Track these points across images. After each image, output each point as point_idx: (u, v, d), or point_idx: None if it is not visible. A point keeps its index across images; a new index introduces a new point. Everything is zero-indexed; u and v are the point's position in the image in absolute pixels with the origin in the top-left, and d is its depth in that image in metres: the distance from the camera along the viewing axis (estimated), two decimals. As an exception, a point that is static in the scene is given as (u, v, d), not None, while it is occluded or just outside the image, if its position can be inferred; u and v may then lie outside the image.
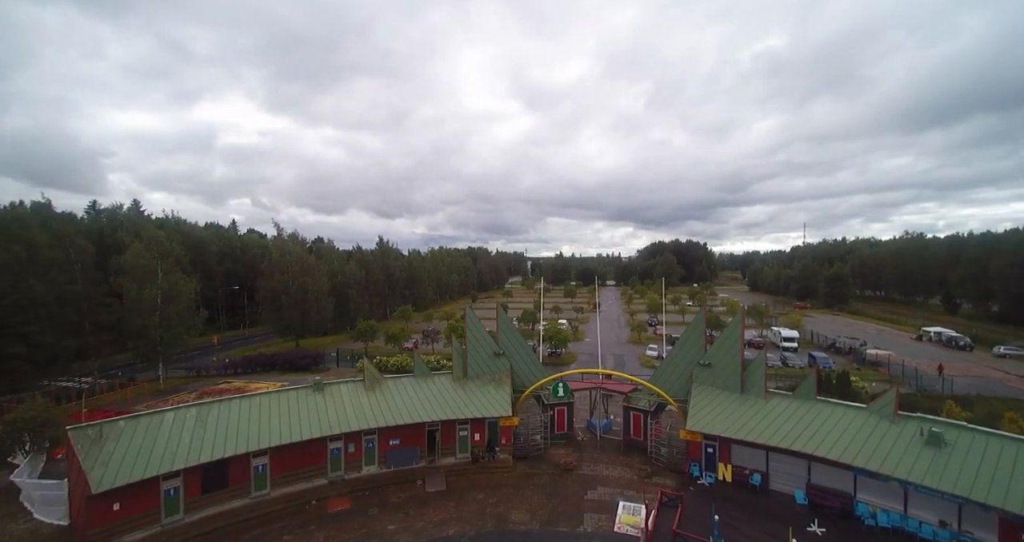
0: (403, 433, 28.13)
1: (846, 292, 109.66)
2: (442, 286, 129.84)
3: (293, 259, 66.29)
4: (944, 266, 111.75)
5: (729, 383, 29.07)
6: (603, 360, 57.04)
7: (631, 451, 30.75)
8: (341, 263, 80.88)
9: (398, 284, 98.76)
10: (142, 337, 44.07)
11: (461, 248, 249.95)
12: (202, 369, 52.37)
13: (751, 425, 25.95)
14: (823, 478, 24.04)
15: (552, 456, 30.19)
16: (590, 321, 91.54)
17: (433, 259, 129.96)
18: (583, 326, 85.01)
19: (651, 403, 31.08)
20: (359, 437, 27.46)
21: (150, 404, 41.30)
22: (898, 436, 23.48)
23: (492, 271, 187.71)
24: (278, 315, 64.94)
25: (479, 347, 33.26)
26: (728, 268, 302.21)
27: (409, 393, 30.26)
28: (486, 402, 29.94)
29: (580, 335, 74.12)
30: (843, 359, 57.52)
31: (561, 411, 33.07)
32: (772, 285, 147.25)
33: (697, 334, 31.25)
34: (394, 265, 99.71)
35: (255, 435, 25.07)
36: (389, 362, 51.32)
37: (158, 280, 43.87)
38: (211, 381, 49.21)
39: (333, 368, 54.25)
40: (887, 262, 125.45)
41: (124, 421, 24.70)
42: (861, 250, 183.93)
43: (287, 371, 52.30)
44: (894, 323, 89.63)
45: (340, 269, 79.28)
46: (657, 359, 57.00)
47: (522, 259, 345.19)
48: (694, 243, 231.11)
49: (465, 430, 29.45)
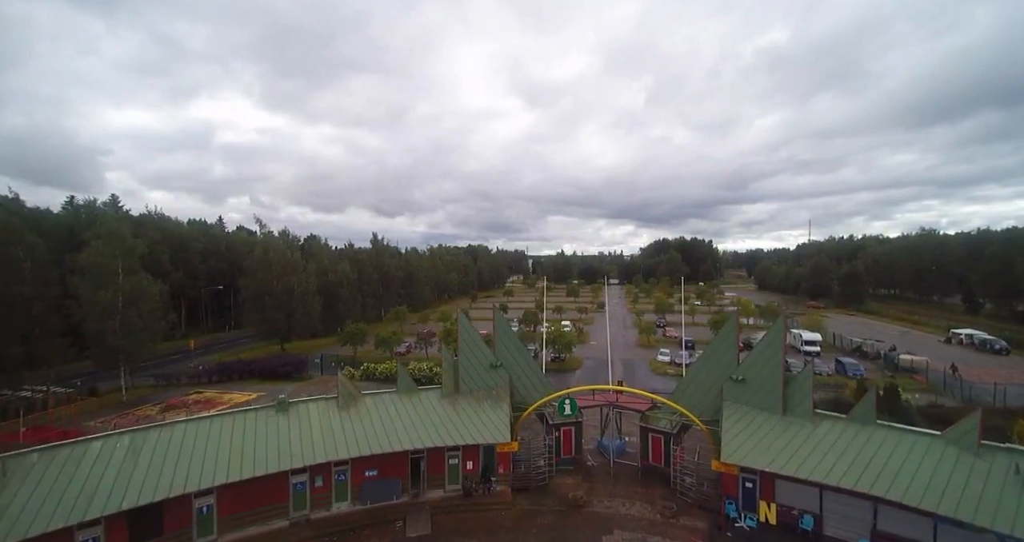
0: (382, 462, 23.68)
1: (862, 291, 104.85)
2: (440, 285, 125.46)
3: (277, 257, 61.78)
4: (963, 263, 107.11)
5: (768, 402, 24.54)
6: (611, 366, 52.60)
7: (651, 480, 26.28)
8: (332, 261, 76.37)
9: (394, 283, 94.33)
10: (100, 343, 39.68)
11: (461, 246, 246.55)
12: (172, 377, 47.97)
13: (799, 456, 21.43)
14: (893, 524, 19.53)
15: (558, 487, 25.73)
16: (595, 322, 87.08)
17: (431, 257, 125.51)
18: (588, 327, 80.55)
19: (673, 424, 26.60)
20: (328, 468, 23.02)
21: (106, 420, 36.99)
22: (987, 474, 18.96)
23: (492, 270, 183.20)
24: (261, 317, 60.53)
25: (473, 357, 28.81)
26: (732, 266, 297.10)
27: (390, 413, 25.78)
28: (481, 424, 25.46)
29: (585, 337, 69.66)
30: (871, 365, 52.93)
31: (568, 432, 28.58)
32: (782, 284, 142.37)
33: (727, 343, 26.72)
34: (390, 263, 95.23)
35: (198, 470, 20.61)
36: (377, 370, 46.91)
37: (118, 280, 39.40)
38: (181, 391, 44.85)
39: (317, 376, 49.82)
40: (901, 260, 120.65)
41: (38, 453, 20.28)
42: (872, 248, 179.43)
43: (266, 379, 47.88)
44: (915, 324, 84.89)
45: (331, 267, 74.83)
46: (670, 365, 52.52)
47: (523, 257, 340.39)
48: (699, 241, 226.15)
49: (456, 457, 25.00)
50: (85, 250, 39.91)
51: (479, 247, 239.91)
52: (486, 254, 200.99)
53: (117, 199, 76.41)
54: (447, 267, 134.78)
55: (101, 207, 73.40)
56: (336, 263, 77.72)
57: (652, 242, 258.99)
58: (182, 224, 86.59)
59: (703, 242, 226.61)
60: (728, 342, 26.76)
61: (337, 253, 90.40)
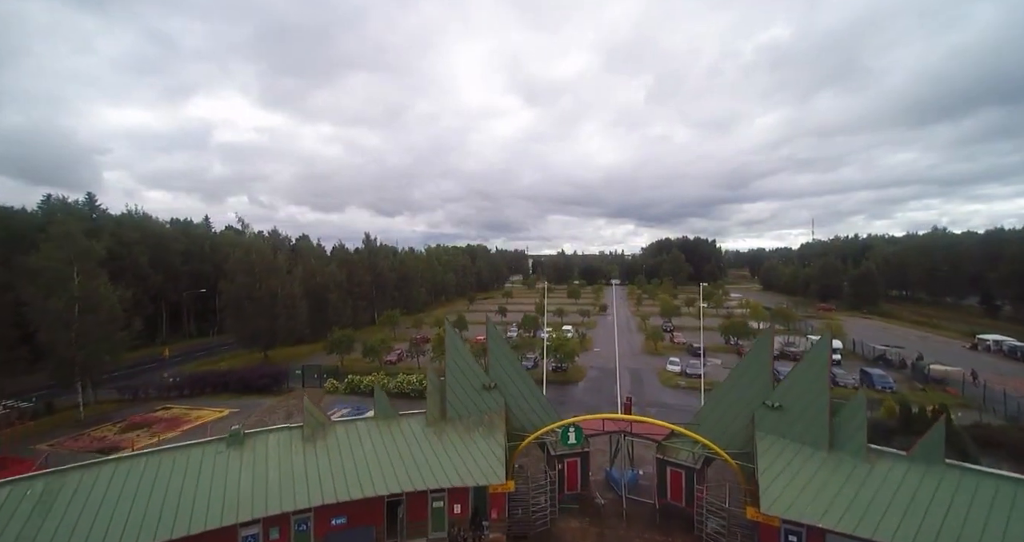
0: (352, 508, 19.86)
1: (875, 293, 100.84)
2: (437, 287, 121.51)
3: (259, 259, 57.85)
4: (979, 263, 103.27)
5: (812, 435, 20.68)
6: (619, 381, 48.82)
7: (670, 524, 22.46)
8: (320, 263, 72.38)
9: (387, 286, 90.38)
10: (54, 356, 35.85)
11: (460, 245, 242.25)
12: (140, 390, 44.12)
13: (858, 508, 17.57)
14: (980, 598, 15.70)
15: (562, 533, 21.91)
16: (597, 326, 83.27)
17: (428, 258, 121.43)
18: (590, 331, 76.74)
19: (696, 457, 22.76)
20: (287, 518, 19.19)
21: (56, 443, 33.18)
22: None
23: (491, 270, 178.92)
24: (242, 323, 56.63)
25: (463, 378, 24.95)
26: (734, 265, 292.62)
27: (364, 447, 21.92)
28: (471, 459, 21.61)
29: (588, 343, 65.79)
30: (897, 374, 49.06)
31: (573, 463, 24.77)
32: (789, 284, 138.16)
33: (760, 363, 22.85)
34: (383, 265, 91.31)
35: (120, 527, 16.76)
36: (362, 383, 43.07)
37: (72, 287, 35.53)
38: (147, 406, 41.03)
39: (298, 388, 45.95)
40: (913, 260, 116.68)
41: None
42: (880, 247, 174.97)
43: (242, 392, 44.04)
44: (934, 328, 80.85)
45: (319, 270, 70.91)
46: (681, 375, 48.67)
47: (523, 257, 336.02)
48: (702, 240, 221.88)
49: (441, 500, 21.19)
50: (34, 253, 36.07)
51: (478, 247, 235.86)
52: (485, 254, 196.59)
53: (94, 197, 72.53)
54: (444, 268, 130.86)
55: (77, 205, 69.50)
56: (325, 265, 73.74)
57: (654, 241, 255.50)
58: (164, 224, 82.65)
59: (706, 241, 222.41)
60: (761, 361, 22.89)
61: (328, 255, 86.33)
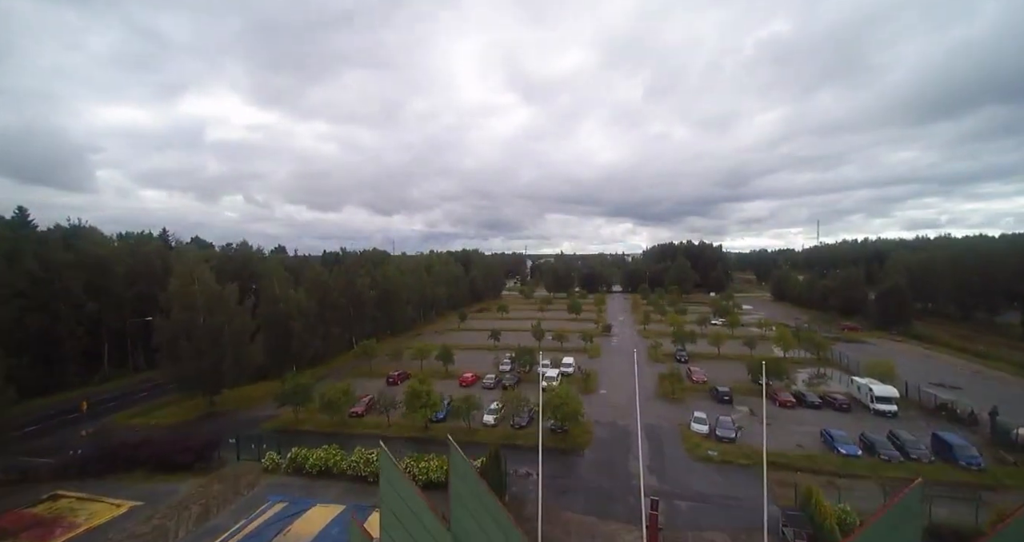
0: None
1: (906, 311, 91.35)
2: (426, 301, 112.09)
3: (202, 289, 48.55)
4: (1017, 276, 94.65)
5: None
6: (630, 437, 39.86)
7: None
8: (284, 287, 62.92)
9: (367, 306, 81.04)
10: None
11: (455, 251, 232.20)
12: (30, 468, 34.88)
13: None
14: None
15: None
16: (602, 353, 74.08)
17: (415, 271, 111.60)
18: (595, 363, 67.61)
19: None
20: None
21: None
22: None
23: (487, 277, 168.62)
24: (179, 366, 47.34)
25: (405, 526, 15.70)
26: (736, 267, 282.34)
27: None
28: None
29: (592, 384, 56.48)
30: (966, 432, 39.95)
31: None
32: (804, 296, 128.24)
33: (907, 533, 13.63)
34: (362, 283, 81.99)
35: None
36: (308, 461, 33.84)
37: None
38: (35, 492, 31.87)
39: (232, 462, 36.72)
40: (943, 270, 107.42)
41: None
42: (894, 252, 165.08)
43: (155, 471, 34.74)
44: (983, 359, 70.09)
45: (283, 295, 61.61)
46: (710, 438, 39.55)
47: (521, 260, 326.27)
48: (706, 245, 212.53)
49: None
50: None
51: (473, 252, 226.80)
52: (480, 260, 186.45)
53: (25, 211, 63.14)
54: (434, 280, 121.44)
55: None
56: (292, 287, 64.34)
57: (655, 245, 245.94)
58: (111, 240, 73.17)
59: (711, 246, 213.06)
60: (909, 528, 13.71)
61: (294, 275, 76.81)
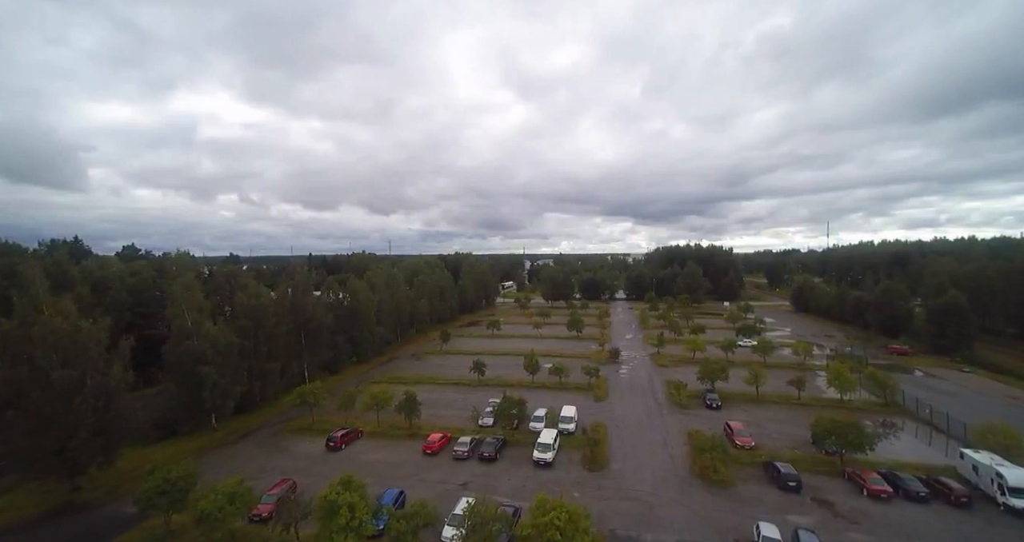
0: None
1: (968, 333, 76.94)
2: (404, 319, 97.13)
3: (47, 330, 33.77)
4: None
5: None
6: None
7: None
8: (196, 322, 47.44)
9: (322, 332, 66.32)
10: None
11: (447, 254, 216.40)
12: None
13: None
14: None
15: None
16: (609, 392, 59.70)
17: (391, 283, 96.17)
18: (601, 410, 53.25)
19: None
20: None
21: None
22: None
23: (478, 284, 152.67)
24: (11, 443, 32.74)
25: None
26: (744, 270, 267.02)
27: None
28: None
29: (600, 456, 41.36)
30: None
31: None
32: (834, 308, 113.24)
33: None
34: (316, 303, 67.38)
35: None
36: None
37: None
38: None
39: None
40: (998, 282, 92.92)
41: None
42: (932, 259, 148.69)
43: None
44: None
45: (197, 329, 46.84)
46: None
47: (519, 261, 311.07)
48: (716, 248, 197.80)
49: None
50: None
51: (465, 255, 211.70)
52: (471, 265, 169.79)
53: None
54: (416, 293, 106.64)
55: None
56: (202, 326, 47.98)
57: (660, 248, 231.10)
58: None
59: (721, 249, 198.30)
60: None
61: (214, 294, 61.76)
